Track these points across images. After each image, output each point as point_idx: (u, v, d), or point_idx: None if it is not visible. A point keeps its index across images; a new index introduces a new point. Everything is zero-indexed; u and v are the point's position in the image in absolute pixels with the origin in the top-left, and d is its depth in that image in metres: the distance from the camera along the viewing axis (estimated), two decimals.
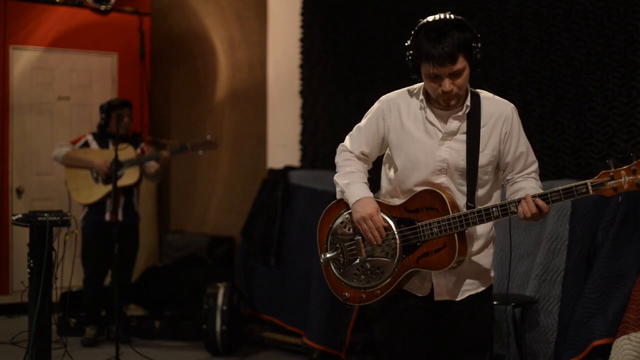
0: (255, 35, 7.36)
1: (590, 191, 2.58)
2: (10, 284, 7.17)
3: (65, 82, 7.55)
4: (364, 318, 5.33)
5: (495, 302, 4.13)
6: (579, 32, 4.62)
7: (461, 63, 2.70)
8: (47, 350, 4.16)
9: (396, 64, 5.87)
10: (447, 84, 2.70)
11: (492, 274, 2.97)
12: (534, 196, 2.67)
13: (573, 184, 2.60)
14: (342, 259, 2.91)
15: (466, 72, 2.73)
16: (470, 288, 2.89)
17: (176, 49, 8.05)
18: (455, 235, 2.73)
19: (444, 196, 2.76)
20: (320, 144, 6.56)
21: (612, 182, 2.56)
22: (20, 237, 6.86)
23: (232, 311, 5.67)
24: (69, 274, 4.59)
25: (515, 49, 4.97)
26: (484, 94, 2.88)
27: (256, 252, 6.23)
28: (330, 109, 6.48)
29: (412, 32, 2.79)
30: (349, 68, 6.33)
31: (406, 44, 2.82)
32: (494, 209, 2.71)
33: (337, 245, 2.93)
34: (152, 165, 6.00)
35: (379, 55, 6.04)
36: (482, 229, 2.88)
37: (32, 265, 4.12)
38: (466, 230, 2.79)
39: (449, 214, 2.74)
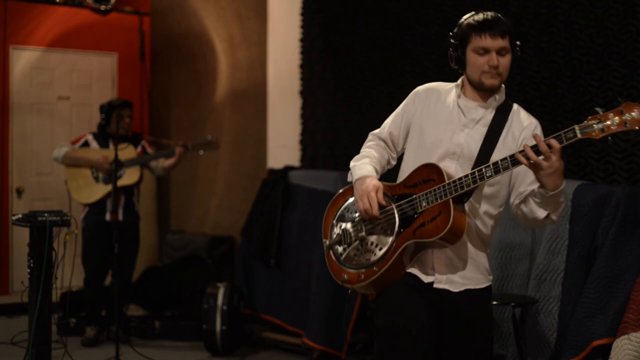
0: (255, 35, 7.36)
1: (579, 134, 2.58)
2: (10, 284, 7.17)
3: (65, 82, 7.55)
4: (364, 318, 5.33)
5: (495, 302, 4.13)
6: (579, 32, 4.62)
7: (508, 43, 2.83)
8: (47, 350, 4.16)
9: (396, 64, 5.87)
10: (494, 58, 2.81)
11: (490, 275, 2.98)
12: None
13: (562, 132, 2.61)
14: (343, 243, 2.95)
15: (509, 57, 2.85)
16: (468, 282, 2.90)
17: (176, 49, 8.05)
18: (451, 201, 2.73)
19: (440, 167, 2.79)
20: (320, 144, 6.56)
21: (599, 125, 2.58)
22: (20, 237, 6.86)
23: (232, 311, 5.67)
24: (69, 274, 4.59)
25: None
26: (515, 104, 2.96)
27: (256, 252, 6.23)
28: (330, 109, 6.48)
29: (457, 24, 2.92)
30: (349, 68, 6.33)
31: (451, 33, 2.93)
32: (485, 167, 2.70)
33: (339, 230, 2.96)
34: (165, 161, 6.02)
35: (379, 55, 6.04)
36: (480, 226, 2.89)
37: (32, 265, 4.12)
38: (467, 222, 2.79)
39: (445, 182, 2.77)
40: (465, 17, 2.92)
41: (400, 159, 3.12)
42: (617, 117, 2.56)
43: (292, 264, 5.95)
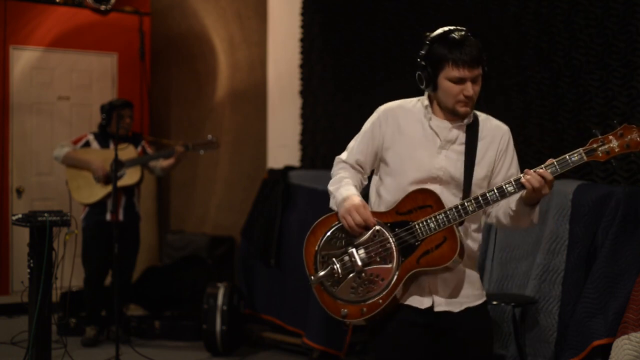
0: (255, 35, 7.36)
1: (585, 158, 2.62)
2: (10, 284, 7.17)
3: (65, 82, 7.55)
4: None
5: (495, 302, 4.13)
6: (579, 32, 4.62)
7: (481, 68, 2.75)
8: (47, 350, 4.16)
9: (396, 64, 5.87)
10: (470, 88, 2.72)
11: (484, 291, 2.94)
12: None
13: (567, 154, 2.64)
14: (336, 275, 2.80)
15: (480, 80, 2.76)
16: (467, 300, 2.85)
17: (176, 49, 8.05)
18: (455, 227, 2.68)
19: (436, 193, 2.73)
20: (320, 144, 6.56)
21: (603, 147, 2.62)
22: (20, 237, 6.86)
23: (232, 311, 5.67)
24: (69, 274, 4.59)
25: (515, 49, 4.97)
26: (481, 114, 2.91)
27: (256, 252, 6.23)
28: (330, 109, 6.48)
29: (426, 43, 2.80)
30: (349, 68, 6.33)
31: (421, 54, 2.81)
32: (490, 192, 2.68)
33: (329, 262, 2.82)
34: (164, 161, 6.02)
35: (379, 55, 6.04)
36: (472, 245, 2.86)
37: (32, 265, 4.12)
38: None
39: (444, 208, 2.70)
40: (436, 36, 2.78)
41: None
42: (618, 140, 2.61)
43: (292, 264, 5.94)
